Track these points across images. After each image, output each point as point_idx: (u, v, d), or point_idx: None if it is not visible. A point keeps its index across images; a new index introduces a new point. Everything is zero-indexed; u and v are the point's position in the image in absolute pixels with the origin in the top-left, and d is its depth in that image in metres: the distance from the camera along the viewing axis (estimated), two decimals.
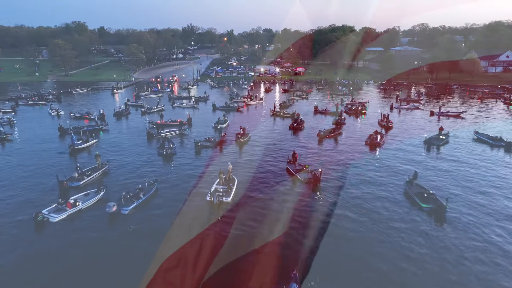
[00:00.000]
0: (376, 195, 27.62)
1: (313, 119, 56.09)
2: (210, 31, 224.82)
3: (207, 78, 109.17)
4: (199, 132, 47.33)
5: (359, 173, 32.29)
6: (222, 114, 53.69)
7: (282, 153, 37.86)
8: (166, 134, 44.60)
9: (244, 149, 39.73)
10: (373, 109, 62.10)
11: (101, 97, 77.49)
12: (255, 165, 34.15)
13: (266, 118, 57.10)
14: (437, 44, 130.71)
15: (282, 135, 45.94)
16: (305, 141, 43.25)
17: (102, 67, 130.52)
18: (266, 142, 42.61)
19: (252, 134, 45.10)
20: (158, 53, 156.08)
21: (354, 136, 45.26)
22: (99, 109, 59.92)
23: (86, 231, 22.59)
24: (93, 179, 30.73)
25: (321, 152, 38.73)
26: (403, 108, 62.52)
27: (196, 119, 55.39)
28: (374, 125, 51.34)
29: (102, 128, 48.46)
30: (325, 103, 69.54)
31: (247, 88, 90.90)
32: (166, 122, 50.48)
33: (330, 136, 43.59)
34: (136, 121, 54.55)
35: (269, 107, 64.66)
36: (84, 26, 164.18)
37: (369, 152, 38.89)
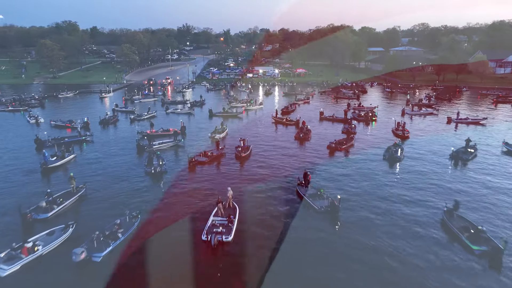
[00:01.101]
0: (409, 230, 22.61)
1: (320, 126, 51.10)
2: (206, 31, 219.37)
3: (203, 80, 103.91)
4: (194, 143, 42.24)
5: (382, 197, 27.32)
6: (220, 122, 48.58)
7: (290, 171, 32.82)
8: (158, 146, 39.46)
9: (246, 166, 34.63)
10: (382, 115, 57.20)
11: (89, 102, 71.99)
12: (259, 187, 29.07)
13: (267, 125, 52.04)
14: (441, 44, 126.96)
15: (287, 146, 40.88)
16: (314, 154, 38.21)
17: (93, 69, 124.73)
18: (269, 155, 37.55)
19: (254, 146, 40.05)
20: (152, 54, 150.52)
21: (368, 148, 40.27)
22: (85, 115, 54.69)
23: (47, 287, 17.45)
24: (65, 208, 25.54)
25: (334, 168, 33.69)
26: (415, 114, 57.67)
27: (191, 127, 50.27)
28: (388, 134, 46.45)
29: (86, 139, 43.17)
30: (331, 108, 64.59)
31: (245, 91, 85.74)
32: (157, 131, 45.25)
33: (342, 149, 38.60)
34: (125, 130, 49.29)
35: (269, 112, 59.63)
36: (75, 25, 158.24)
37: (389, 168, 33.92)
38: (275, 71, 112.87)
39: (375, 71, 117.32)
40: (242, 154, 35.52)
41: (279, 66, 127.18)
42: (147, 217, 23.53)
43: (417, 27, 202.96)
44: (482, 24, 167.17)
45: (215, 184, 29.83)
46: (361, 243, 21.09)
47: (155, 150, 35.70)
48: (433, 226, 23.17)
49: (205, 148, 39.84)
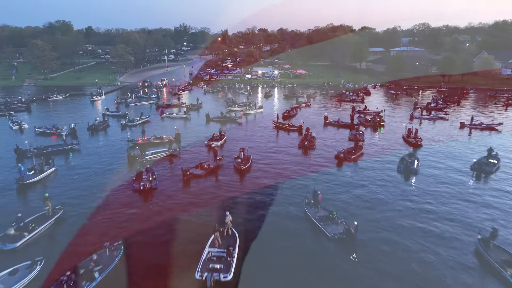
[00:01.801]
0: (439, 260, 19.35)
1: (324, 132, 47.76)
2: (203, 31, 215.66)
3: (200, 81, 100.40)
4: (190, 153, 38.82)
5: (402, 217, 24.04)
6: (218, 129, 45.15)
7: (296, 186, 29.45)
8: (151, 157, 36.02)
9: (246, 180, 31.24)
10: (388, 119, 53.84)
11: (79, 105, 68.31)
12: (262, 207, 25.69)
13: (267, 131, 48.65)
14: (444, 44, 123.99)
15: (290, 156, 37.50)
16: (321, 165, 34.86)
17: (87, 70, 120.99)
18: (272, 167, 34.16)
19: (254, 155, 36.68)
20: (148, 54, 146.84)
21: (378, 157, 36.95)
22: (73, 121, 51.22)
23: None
24: (39, 234, 22.10)
25: (344, 182, 30.35)
26: (424, 118, 54.43)
27: (187, 133, 46.79)
28: (398, 141, 43.16)
29: (71, 148, 39.68)
30: (335, 111, 61.26)
31: (244, 94, 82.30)
32: (150, 139, 41.77)
33: (351, 159, 35.25)
34: (116, 137, 45.77)
35: (269, 117, 56.35)
36: (69, 25, 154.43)
37: (405, 182, 30.63)
38: (275, 72, 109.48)
39: (377, 72, 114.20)
40: (242, 167, 32.11)
41: (279, 67, 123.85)
42: (131, 249, 20.08)
43: (417, 27, 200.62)
44: (484, 23, 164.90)
45: (211, 203, 26.43)
46: (384, 273, 17.81)
47: (145, 163, 32.19)
48: (466, 254, 19.95)
49: (202, 158, 36.55)
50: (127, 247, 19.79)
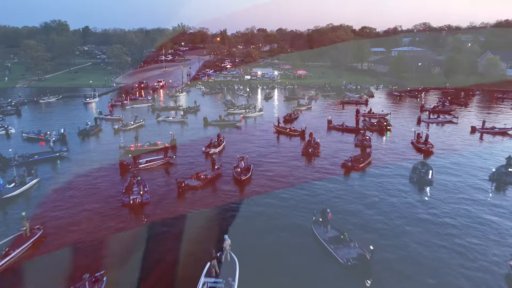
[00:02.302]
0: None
1: (328, 137, 45.31)
2: (202, 31, 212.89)
3: (198, 82, 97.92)
4: (186, 160, 36.34)
5: (421, 234, 21.62)
6: (216, 134, 42.63)
7: (301, 199, 26.98)
8: (146, 165, 33.55)
9: (246, 192, 28.75)
10: (394, 122, 51.36)
11: (72, 108, 65.63)
12: (264, 226, 23.21)
13: (268, 136, 46.20)
14: (447, 44, 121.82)
15: (294, 164, 35.01)
16: (327, 174, 32.40)
17: (83, 70, 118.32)
18: (274, 176, 31.70)
19: (255, 163, 34.23)
20: (146, 55, 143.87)
21: (387, 165, 34.47)
22: (65, 125, 48.88)
23: None
24: (14, 260, 19.61)
25: (353, 194, 27.89)
26: (432, 122, 52.01)
27: (184, 138, 44.33)
28: (407, 147, 40.71)
29: (60, 156, 37.13)
30: (337, 113, 58.81)
31: (244, 95, 79.81)
32: (143, 146, 39.25)
33: (359, 168, 32.79)
34: (108, 143, 43.23)
35: (270, 120, 53.99)
36: (65, 25, 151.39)
37: (419, 194, 28.21)
38: (275, 73, 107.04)
39: (379, 72, 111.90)
40: (242, 178, 29.61)
41: (278, 67, 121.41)
42: (115, 281, 17.57)
43: (418, 27, 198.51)
44: (486, 23, 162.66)
45: (208, 221, 23.96)
46: None
47: (136, 174, 29.67)
48: (497, 279, 17.57)
49: (198, 167, 34.16)
50: (110, 279, 17.27)
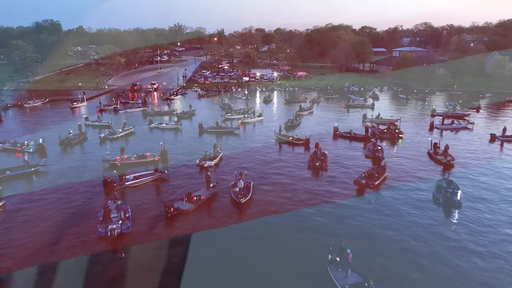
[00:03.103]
0: None
1: (334, 146, 41.34)
2: (198, 31, 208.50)
3: (194, 84, 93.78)
4: (179, 174, 32.31)
5: (462, 277, 17.70)
6: (213, 144, 38.56)
7: (311, 230, 22.92)
8: (133, 182, 29.46)
9: (247, 216, 24.75)
10: (404, 128, 47.40)
11: (58, 113, 61.37)
12: (266, 265, 19.22)
13: (269, 145, 42.17)
14: (450, 44, 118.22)
15: (299, 180, 31.02)
16: (337, 193, 28.43)
17: (74, 72, 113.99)
18: (277, 195, 27.75)
19: (255, 179, 30.28)
20: (140, 55, 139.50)
21: (403, 180, 30.57)
22: (48, 132, 44.91)
23: None
24: None
25: (372, 223, 23.92)
26: (446, 128, 48.15)
27: (177, 148, 40.27)
28: (422, 158, 36.75)
29: (36, 171, 32.99)
30: (343, 120, 54.85)
31: (242, 98, 75.79)
32: (130, 158, 35.13)
33: (375, 186, 28.84)
34: (93, 154, 39.06)
35: (270, 126, 50.21)
36: (57, 25, 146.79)
37: (448, 220, 24.28)
38: (274, 74, 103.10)
39: (381, 73, 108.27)
40: (241, 200, 25.56)
41: (278, 68, 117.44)
42: None
43: (419, 27, 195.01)
44: (489, 23, 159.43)
45: (199, 260, 19.94)
46: None
47: (117, 196, 25.54)
48: None
49: (192, 182, 30.22)
50: None
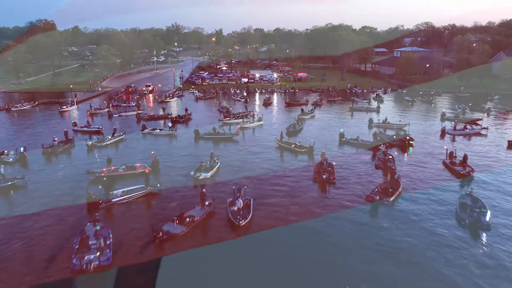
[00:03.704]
0: None
1: (340, 153, 38.26)
2: (196, 31, 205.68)
3: (191, 86, 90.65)
4: (172, 187, 29.20)
5: None
6: (210, 153, 35.43)
7: (322, 262, 19.89)
8: (121, 198, 26.32)
9: (245, 242, 21.66)
10: (413, 134, 44.34)
11: (46, 118, 58.09)
12: None
13: (270, 153, 39.10)
14: (452, 44, 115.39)
15: (304, 195, 27.94)
16: (348, 211, 25.39)
17: (68, 73, 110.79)
18: (280, 213, 24.73)
19: (255, 193, 27.27)
20: (137, 56, 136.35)
21: (422, 196, 27.54)
22: (33, 138, 41.92)
23: None
24: None
25: (390, 246, 20.89)
26: (459, 134, 45.16)
27: (170, 158, 37.06)
28: (438, 168, 33.74)
29: (13, 185, 29.81)
30: (348, 124, 51.78)
31: (241, 101, 72.75)
32: (118, 170, 31.98)
33: (389, 203, 25.79)
34: (79, 164, 35.77)
35: (270, 131, 47.38)
36: (52, 25, 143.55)
37: (476, 243, 21.27)
38: (274, 75, 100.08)
39: (384, 74, 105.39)
40: (240, 223, 22.44)
41: (277, 69, 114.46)
42: None
43: (420, 26, 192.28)
44: (492, 22, 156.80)
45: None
46: None
47: (98, 218, 22.36)
48: None
49: (186, 196, 27.24)
50: None
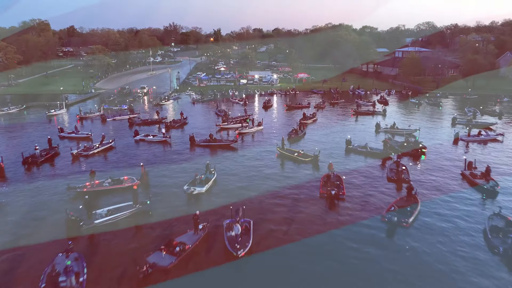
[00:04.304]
0: None
1: (347, 163, 35.11)
2: (194, 31, 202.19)
3: (188, 87, 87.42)
4: (163, 204, 26.00)
5: None
6: (206, 162, 32.28)
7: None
8: (106, 220, 23.11)
9: (245, 278, 18.51)
10: (423, 140, 41.31)
11: (33, 123, 54.71)
12: None
13: (271, 162, 35.98)
14: (454, 44, 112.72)
15: (310, 214, 24.82)
16: (361, 233, 22.27)
17: (61, 74, 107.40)
18: (285, 236, 21.56)
19: (255, 211, 24.13)
20: (133, 56, 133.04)
21: (444, 215, 24.41)
22: (16, 146, 38.83)
23: None
24: None
25: (416, 275, 17.77)
26: (473, 141, 42.11)
27: (162, 168, 33.89)
28: (457, 180, 30.67)
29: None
30: (354, 129, 48.68)
31: (239, 103, 69.61)
32: (103, 184, 28.72)
33: (408, 225, 22.66)
34: (61, 176, 32.59)
35: (271, 135, 44.40)
36: (46, 25, 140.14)
37: (510, 273, 18.21)
38: (273, 77, 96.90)
39: (387, 75, 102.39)
40: (239, 253, 19.23)
41: (277, 70, 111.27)
42: None
43: (421, 26, 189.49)
44: (496, 22, 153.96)
45: None
46: None
47: (71, 248, 19.14)
48: None
49: (179, 211, 24.17)
50: None
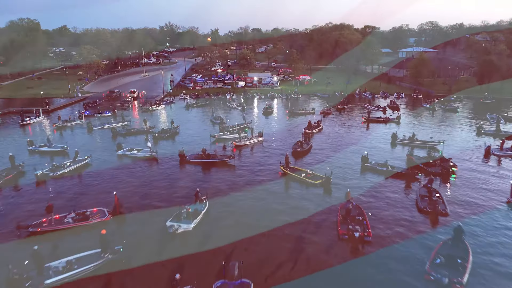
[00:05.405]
0: None
1: (364, 185, 29.50)
2: (191, 31, 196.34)
3: (182, 91, 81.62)
4: (136, 255, 20.26)
5: None
6: (194, 190, 26.59)
7: None
8: (59, 278, 17.50)
9: None
10: (447, 155, 35.71)
11: (5, 133, 48.79)
12: None
13: (274, 184, 30.28)
14: (460, 44, 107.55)
15: (325, 252, 19.18)
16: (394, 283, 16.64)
17: (48, 76, 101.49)
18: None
19: (258, 273, 18.40)
20: (126, 57, 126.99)
21: (498, 261, 18.85)
22: None
23: None
24: None
25: None
26: (506, 155, 36.47)
27: (143, 194, 28.20)
28: (501, 211, 25.07)
29: None
30: (365, 140, 43.03)
31: (237, 108, 63.91)
32: (65, 221, 22.90)
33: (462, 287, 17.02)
34: (18, 205, 26.89)
35: (273, 149, 38.87)
36: (35, 24, 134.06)
37: None
38: (274, 79, 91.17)
39: (394, 77, 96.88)
40: None
41: (277, 71, 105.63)
42: None
43: (424, 26, 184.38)
44: (503, 21, 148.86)
45: None
46: None
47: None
48: None
49: (154, 277, 18.38)
50: None
